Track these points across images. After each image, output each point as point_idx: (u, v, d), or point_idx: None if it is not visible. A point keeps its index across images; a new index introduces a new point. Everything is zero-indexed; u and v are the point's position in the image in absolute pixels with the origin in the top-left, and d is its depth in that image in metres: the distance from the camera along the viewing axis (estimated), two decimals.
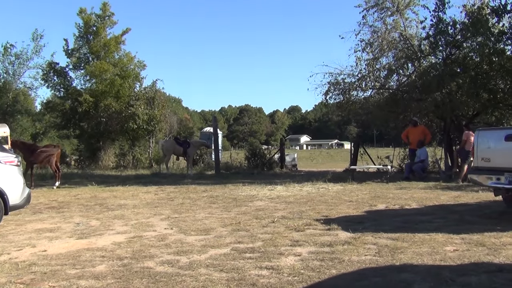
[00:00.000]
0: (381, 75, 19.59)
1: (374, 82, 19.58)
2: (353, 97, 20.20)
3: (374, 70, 19.36)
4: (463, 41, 17.30)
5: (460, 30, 17.25)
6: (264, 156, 24.65)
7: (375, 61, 19.41)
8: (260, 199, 11.92)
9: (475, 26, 16.61)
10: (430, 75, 17.35)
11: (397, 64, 19.04)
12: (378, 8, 18.96)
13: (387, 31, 19.08)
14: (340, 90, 19.82)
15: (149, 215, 9.71)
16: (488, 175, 8.55)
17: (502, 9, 16.76)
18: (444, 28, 17.33)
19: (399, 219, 8.56)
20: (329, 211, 9.58)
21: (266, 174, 20.94)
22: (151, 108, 28.90)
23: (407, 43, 18.86)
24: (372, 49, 19.30)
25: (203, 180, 18.30)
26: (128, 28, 30.33)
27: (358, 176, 17.47)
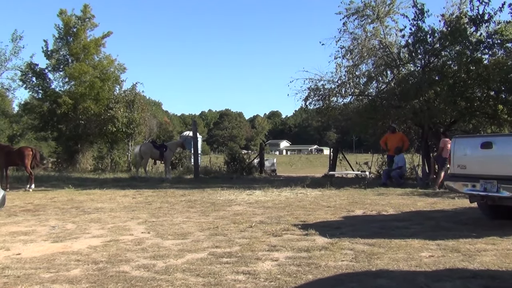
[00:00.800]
0: (360, 82, 19.74)
1: (354, 88, 19.73)
2: (332, 103, 20.31)
3: (354, 77, 19.51)
4: (442, 49, 17.51)
5: (439, 39, 17.47)
6: (243, 160, 24.64)
7: (355, 68, 19.56)
8: (239, 204, 11.89)
9: (453, 35, 16.85)
10: (409, 83, 17.54)
11: (377, 71, 19.22)
12: (359, 15, 19.11)
13: (367, 38, 19.25)
14: (320, 96, 19.92)
15: (126, 218, 9.62)
16: (464, 182, 8.63)
17: (479, 19, 17.02)
18: (423, 36, 17.52)
19: (376, 225, 8.60)
20: (307, 217, 9.60)
21: (245, 179, 20.92)
22: (130, 111, 28.72)
23: (386, 50, 19.04)
24: (352, 56, 19.44)
25: (181, 184, 18.21)
26: (109, 32, 30.12)
27: (337, 181, 17.55)
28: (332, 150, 23.72)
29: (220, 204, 11.79)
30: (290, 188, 15.50)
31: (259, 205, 11.66)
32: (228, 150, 28.41)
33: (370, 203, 11.77)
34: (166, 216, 9.95)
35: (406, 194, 13.98)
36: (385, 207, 11.13)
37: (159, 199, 13.00)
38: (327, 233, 7.61)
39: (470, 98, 17.69)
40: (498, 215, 9.01)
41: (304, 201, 12.25)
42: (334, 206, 11.24)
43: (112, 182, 18.94)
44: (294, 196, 13.52)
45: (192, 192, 14.77)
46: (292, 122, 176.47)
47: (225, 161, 25.00)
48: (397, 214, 10.10)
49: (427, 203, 11.72)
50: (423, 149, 18.83)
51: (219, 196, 13.60)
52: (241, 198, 13.21)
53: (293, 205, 11.45)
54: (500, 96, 17.53)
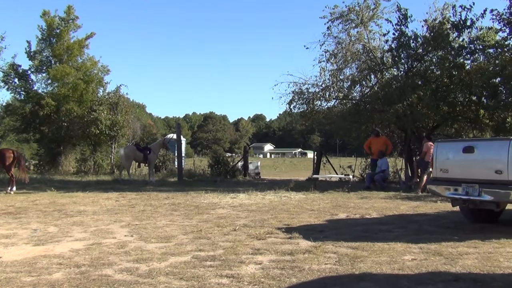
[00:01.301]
0: (344, 85, 19.84)
1: (338, 92, 19.83)
2: (317, 106, 20.39)
3: (338, 81, 19.62)
4: (424, 54, 17.68)
5: (422, 44, 17.63)
6: (227, 163, 24.62)
7: (339, 72, 19.66)
8: (222, 207, 11.87)
9: (436, 40, 17.01)
10: (392, 87, 17.67)
11: (360, 76, 19.34)
12: (343, 19, 19.23)
13: (351, 42, 19.37)
14: (304, 100, 20.00)
15: (109, 222, 9.56)
16: (446, 186, 8.71)
17: (462, 24, 17.22)
18: (406, 41, 17.69)
19: (360, 228, 8.64)
20: (291, 220, 9.61)
21: (229, 182, 20.89)
22: (114, 113, 28.54)
23: (370, 55, 19.17)
24: (336, 60, 19.55)
25: (165, 187, 18.14)
26: (92, 33, 29.93)
27: (321, 185, 17.60)
28: (316, 154, 23.79)
29: (204, 207, 11.76)
30: (274, 192, 15.51)
31: (243, 208, 11.65)
32: (212, 153, 28.32)
33: (353, 207, 11.82)
34: (149, 219, 9.90)
35: (389, 197, 14.06)
36: (368, 210, 11.18)
37: (142, 202, 12.92)
38: (310, 236, 7.62)
39: (452, 103, 17.88)
40: (480, 219, 9.10)
41: (288, 205, 12.26)
42: (317, 210, 11.27)
43: (95, 184, 18.80)
44: (278, 200, 13.53)
45: (176, 195, 14.72)
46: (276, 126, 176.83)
47: (209, 164, 24.95)
48: (380, 217, 10.15)
49: (410, 207, 11.81)
50: (406, 153, 18.96)
51: (203, 199, 13.57)
52: (225, 201, 13.19)
53: (277, 209, 11.46)
54: (482, 101, 17.73)
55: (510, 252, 6.61)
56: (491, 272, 5.58)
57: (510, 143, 7.63)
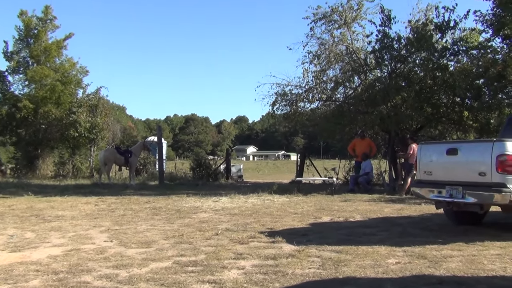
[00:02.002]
0: (328, 87, 19.91)
1: (321, 94, 19.90)
2: (300, 108, 20.43)
3: (321, 82, 19.69)
4: (408, 56, 17.82)
5: (405, 45, 17.77)
6: (209, 166, 24.58)
7: (322, 73, 19.74)
8: (204, 211, 11.85)
9: (419, 42, 17.15)
10: (376, 89, 17.78)
11: (344, 77, 19.42)
12: (326, 20, 19.28)
13: (334, 43, 19.44)
14: (287, 101, 20.03)
15: (88, 227, 9.48)
16: (430, 188, 8.77)
17: (445, 26, 17.39)
18: (389, 43, 17.79)
19: (343, 231, 8.67)
20: (274, 224, 9.62)
21: (211, 185, 20.86)
22: (93, 115, 28.33)
23: (353, 56, 19.26)
24: (319, 61, 19.61)
25: (146, 190, 18.04)
26: (71, 33, 29.64)
27: (304, 188, 17.63)
28: (300, 156, 23.83)
29: (185, 211, 11.72)
30: (257, 195, 15.51)
31: (225, 212, 11.63)
32: (194, 155, 28.22)
33: (337, 210, 11.86)
34: (129, 224, 9.84)
35: (373, 200, 14.14)
36: (352, 213, 11.23)
37: (122, 206, 12.84)
38: (294, 240, 7.63)
39: (436, 104, 18.04)
40: (464, 221, 9.18)
41: (271, 208, 12.27)
42: (301, 213, 11.29)
43: (73, 189, 18.63)
44: (261, 203, 13.53)
45: (157, 199, 14.65)
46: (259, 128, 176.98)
47: (190, 167, 24.87)
48: (364, 220, 10.21)
49: (394, 209, 11.89)
50: (390, 155, 19.06)
51: (184, 203, 13.52)
52: (207, 205, 13.16)
53: (259, 212, 11.45)
54: (466, 103, 17.91)
55: (494, 255, 6.68)
56: (476, 275, 5.64)
57: (493, 145, 7.71)
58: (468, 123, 18.33)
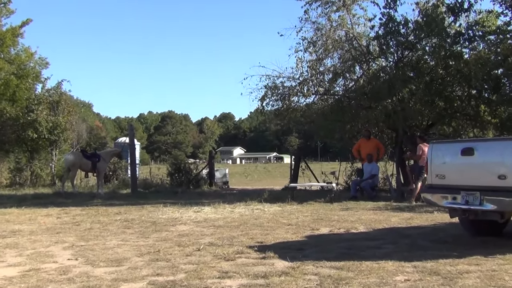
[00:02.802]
0: (325, 78, 19.96)
1: (318, 86, 19.93)
2: (293, 103, 20.47)
3: (318, 73, 19.73)
4: (416, 42, 17.87)
5: (413, 30, 17.82)
6: (190, 171, 24.55)
7: (319, 63, 19.77)
8: (184, 223, 11.83)
9: (429, 26, 17.20)
10: (380, 80, 17.84)
11: (343, 67, 19.45)
12: (322, 2, 19.24)
13: (332, 28, 19.44)
14: (279, 95, 20.06)
15: (49, 243, 9.42)
16: (443, 194, 8.79)
17: (459, 7, 17.42)
18: (395, 27, 17.83)
19: (345, 244, 8.68)
20: (265, 237, 9.62)
21: (192, 193, 20.83)
22: (55, 114, 28.19)
23: (354, 43, 19.31)
24: (315, 49, 19.63)
25: (116, 200, 17.98)
26: (28, 19, 29.41)
27: (299, 195, 17.64)
28: (294, 158, 23.86)
29: (162, 224, 11.69)
30: (245, 204, 15.51)
31: (208, 224, 11.62)
32: (172, 159, 28.16)
33: (337, 220, 11.89)
34: (97, 239, 9.80)
35: (378, 208, 14.19)
36: (354, 224, 11.26)
37: (89, 219, 12.79)
38: (287, 255, 7.63)
39: (449, 98, 18.11)
40: (482, 231, 9.20)
41: (261, 219, 12.28)
42: (296, 224, 11.30)
43: (32, 199, 18.52)
44: (250, 213, 13.55)
45: (129, 210, 14.61)
46: (247, 126, 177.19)
47: (168, 172, 24.83)
48: (368, 231, 10.24)
49: (402, 219, 11.93)
50: (397, 156, 19.10)
51: (161, 214, 13.50)
52: (187, 216, 13.14)
53: (248, 223, 11.46)
54: (483, 96, 18.00)
55: None
56: None
57: None
58: (486, 118, 18.43)
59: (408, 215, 12.53)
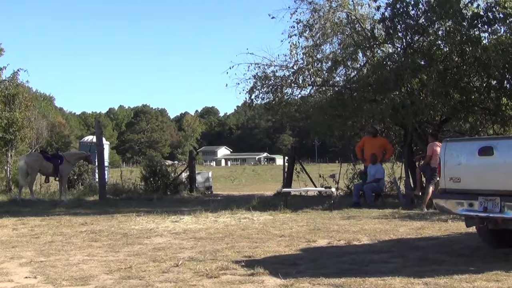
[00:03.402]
0: (323, 67, 20.00)
1: (315, 76, 19.95)
2: (287, 96, 20.51)
3: (315, 61, 19.73)
4: (428, 25, 17.91)
5: (424, 12, 17.86)
6: (167, 175, 24.48)
7: (316, 49, 19.80)
8: (161, 235, 11.83)
9: (443, 7, 17.19)
10: (387, 69, 17.84)
11: (344, 54, 19.49)
12: None
13: (332, 9, 19.46)
14: (270, 87, 20.07)
15: (4, 258, 9.39)
16: (458, 200, 8.80)
17: None
18: (403, 8, 17.86)
19: (346, 259, 8.71)
20: (253, 250, 9.63)
21: (169, 200, 20.82)
22: (10, 109, 28.05)
23: (356, 26, 19.37)
24: (312, 33, 19.65)
25: (82, 209, 17.93)
26: None
27: (293, 201, 17.66)
28: (287, 160, 23.89)
29: (135, 236, 11.69)
30: (231, 212, 15.50)
31: (188, 235, 11.63)
32: (147, 160, 28.03)
33: (337, 230, 11.92)
34: (59, 253, 9.78)
35: (384, 216, 14.24)
36: (357, 234, 11.29)
37: (50, 231, 12.74)
38: (279, 271, 7.65)
39: (466, 89, 18.12)
40: (503, 243, 9.25)
41: (249, 229, 12.30)
42: (289, 235, 11.33)
43: None
44: (236, 223, 13.57)
45: (97, 220, 14.58)
46: (233, 122, 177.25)
47: (142, 176, 24.76)
48: (373, 243, 10.28)
49: (412, 229, 11.97)
50: (406, 157, 19.13)
51: (133, 225, 13.49)
52: (164, 226, 13.14)
53: (234, 235, 11.48)
54: (504, 87, 18.02)
55: None
56: None
57: None
58: (507, 113, 18.48)
59: (418, 224, 12.58)
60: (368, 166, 18.11)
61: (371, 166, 17.97)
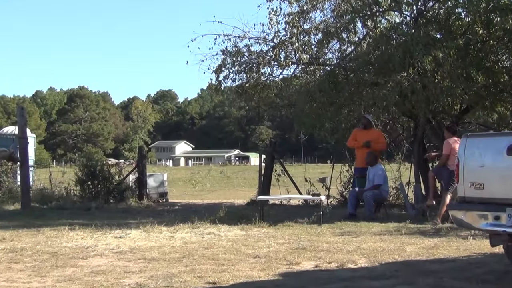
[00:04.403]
0: (312, 40, 19.98)
1: (301, 52, 19.91)
2: (265, 77, 20.47)
3: (301, 33, 19.72)
4: None
5: None
6: (110, 178, 24.41)
7: (303, 18, 19.80)
8: (100, 254, 11.81)
9: None
10: (392, 44, 17.89)
11: (339, 24, 19.47)
12: None
13: None
14: (243, 65, 20.05)
15: None
16: (481, 212, 8.84)
17: None
18: None
19: (338, 286, 8.76)
20: (219, 275, 9.66)
21: (112, 210, 20.83)
22: None
23: None
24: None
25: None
26: None
27: (272, 213, 17.73)
28: (265, 159, 23.91)
29: (67, 255, 11.65)
30: (191, 225, 15.51)
31: (136, 255, 11.62)
32: (84, 159, 27.97)
33: (327, 250, 11.96)
34: None
35: (387, 232, 14.30)
36: (352, 255, 11.34)
37: None
38: None
39: (492, 70, 18.20)
40: None
41: (214, 248, 12.32)
42: (266, 256, 11.34)
43: None
44: (198, 239, 13.59)
45: (18, 235, 14.52)
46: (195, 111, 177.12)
47: (77, 179, 24.65)
48: (373, 266, 10.33)
49: (423, 248, 12.04)
50: (416, 156, 19.17)
51: (65, 241, 13.46)
52: (104, 243, 13.12)
53: (195, 255, 11.49)
54: None
55: None
56: None
57: None
58: None
59: (431, 243, 12.64)
60: (368, 169, 18.09)
61: (370, 169, 17.97)
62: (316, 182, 22.95)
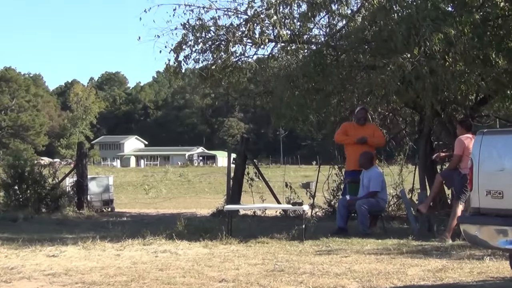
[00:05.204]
0: (294, 13, 20.02)
1: (280, 27, 19.95)
2: (235, 57, 20.49)
3: (280, 3, 19.75)
4: None
5: None
6: (42, 181, 24.37)
7: None
8: (28, 277, 11.80)
9: None
10: (393, 18, 17.96)
11: None
12: None
13: None
14: (209, 43, 20.05)
15: None
16: (499, 227, 8.90)
17: None
18: None
19: None
20: None
21: (45, 221, 20.80)
22: None
23: None
24: None
25: None
26: None
27: (243, 226, 17.79)
28: (235, 159, 23.95)
29: None
30: (142, 242, 15.54)
31: (72, 279, 11.62)
32: (10, 157, 27.95)
33: (310, 272, 12.00)
34: None
35: (385, 251, 14.37)
36: (341, 279, 11.38)
37: None
38: None
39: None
40: None
41: (171, 269, 12.35)
42: (235, 280, 11.37)
43: None
44: (151, 259, 13.62)
45: None
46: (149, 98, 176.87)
47: (1, 183, 24.62)
48: None
49: (428, 270, 12.09)
50: (422, 157, 19.26)
51: None
52: (33, 263, 13.11)
53: (147, 279, 11.50)
54: None
55: None
56: None
57: None
58: None
59: (438, 264, 12.70)
60: (362, 172, 18.08)
61: (364, 172, 17.96)
62: (298, 188, 23.02)
